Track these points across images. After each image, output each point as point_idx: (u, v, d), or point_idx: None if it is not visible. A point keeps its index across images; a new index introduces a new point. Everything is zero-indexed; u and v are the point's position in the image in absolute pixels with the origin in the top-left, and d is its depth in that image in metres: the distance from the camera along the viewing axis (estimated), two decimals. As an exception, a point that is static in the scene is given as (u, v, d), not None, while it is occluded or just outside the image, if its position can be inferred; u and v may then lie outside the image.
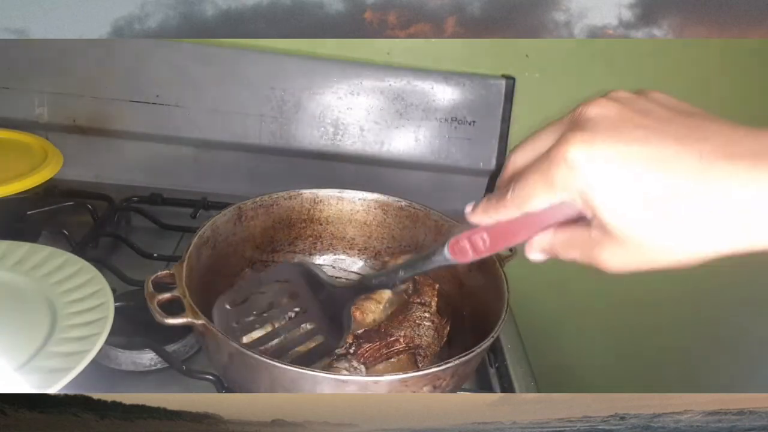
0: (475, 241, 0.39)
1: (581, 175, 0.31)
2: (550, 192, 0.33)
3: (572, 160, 0.31)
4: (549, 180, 0.33)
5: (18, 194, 0.68)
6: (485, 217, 0.38)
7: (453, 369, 0.48)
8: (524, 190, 0.34)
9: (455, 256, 0.41)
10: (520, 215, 0.36)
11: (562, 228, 0.35)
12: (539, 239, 0.36)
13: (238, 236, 0.66)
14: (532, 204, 0.34)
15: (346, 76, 0.89)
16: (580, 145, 0.31)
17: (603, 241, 0.32)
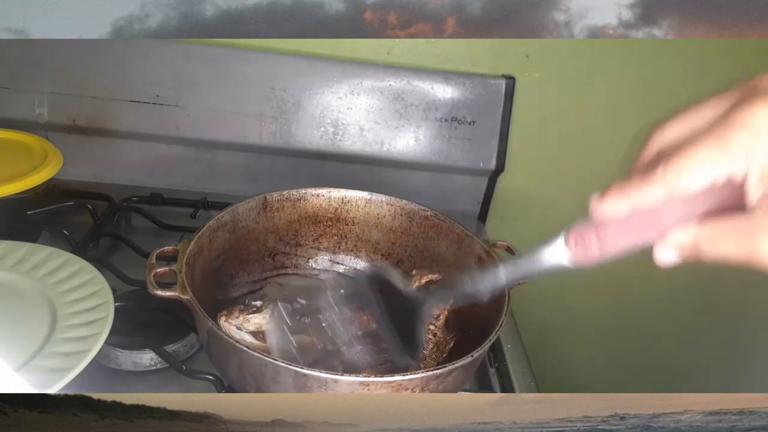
0: (605, 237, 0.33)
1: (765, 141, 0.27)
2: (724, 159, 0.28)
3: (757, 124, 0.28)
4: (725, 145, 0.28)
5: (18, 194, 0.68)
6: (621, 202, 0.32)
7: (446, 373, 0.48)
8: (687, 160, 0.29)
9: (576, 256, 0.35)
10: (669, 196, 0.30)
11: (708, 220, 0.30)
12: (678, 235, 0.31)
13: (261, 225, 0.67)
14: (694, 178, 0.29)
15: (346, 76, 0.89)
16: (766, 109, 0.28)
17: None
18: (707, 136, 0.29)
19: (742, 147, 0.28)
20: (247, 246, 0.67)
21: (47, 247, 0.64)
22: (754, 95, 0.29)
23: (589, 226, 0.34)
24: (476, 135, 0.92)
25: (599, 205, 0.33)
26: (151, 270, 0.53)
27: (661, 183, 0.30)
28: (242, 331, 0.57)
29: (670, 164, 0.30)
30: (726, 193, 0.29)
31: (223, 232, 0.63)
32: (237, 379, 0.52)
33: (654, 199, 0.31)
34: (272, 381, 0.47)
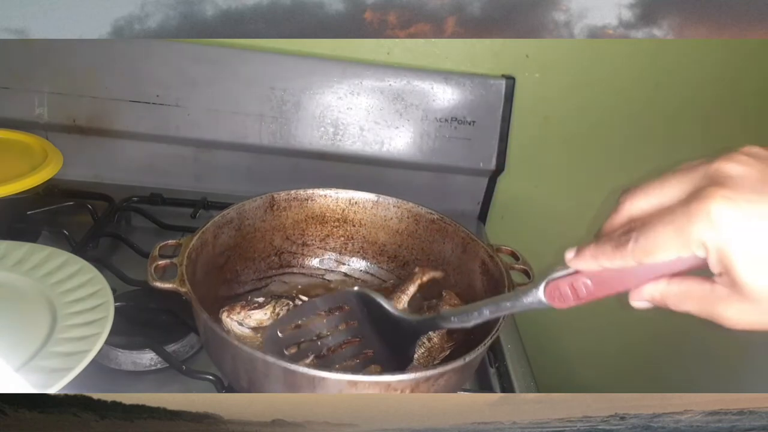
0: (577, 286, 0.37)
1: (722, 232, 0.31)
2: (684, 246, 0.32)
3: (715, 217, 0.31)
4: (685, 234, 0.32)
5: (18, 194, 0.68)
6: (594, 263, 0.36)
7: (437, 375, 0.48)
8: (652, 242, 0.33)
9: (552, 300, 0.39)
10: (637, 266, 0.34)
11: (677, 279, 0.35)
12: (650, 288, 0.36)
13: (268, 224, 0.67)
14: (658, 256, 0.33)
15: (346, 76, 0.89)
16: (723, 202, 0.31)
17: (730, 298, 0.32)
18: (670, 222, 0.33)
19: (700, 237, 0.31)
20: (253, 244, 0.67)
21: (47, 247, 0.64)
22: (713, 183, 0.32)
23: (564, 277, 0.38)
24: (476, 135, 0.92)
25: (573, 260, 0.37)
26: (153, 262, 0.53)
27: (630, 256, 0.34)
28: (243, 327, 0.58)
29: (639, 243, 0.34)
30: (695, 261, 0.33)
31: (229, 229, 0.63)
32: (231, 374, 0.52)
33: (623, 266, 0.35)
34: (263, 376, 0.47)
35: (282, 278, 0.69)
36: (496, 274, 0.60)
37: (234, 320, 0.58)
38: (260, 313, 0.58)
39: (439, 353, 0.59)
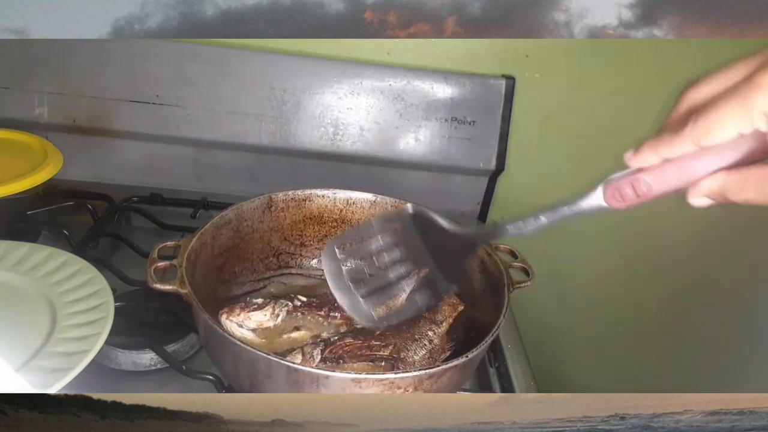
0: (637, 184, 0.37)
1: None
2: (747, 118, 0.32)
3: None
4: (748, 104, 0.32)
5: (18, 194, 0.68)
6: (654, 155, 0.36)
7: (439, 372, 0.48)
8: (712, 119, 0.33)
9: (612, 201, 0.39)
10: (697, 150, 0.34)
11: (735, 169, 0.34)
12: (708, 182, 0.35)
13: (266, 224, 0.68)
14: (719, 134, 0.33)
15: (346, 76, 0.89)
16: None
17: None
18: (731, 97, 0.33)
19: (764, 106, 0.31)
20: (251, 244, 0.67)
21: (47, 247, 0.64)
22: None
23: (623, 177, 0.38)
24: (476, 135, 0.92)
25: (633, 157, 0.37)
26: (152, 264, 0.54)
27: (689, 139, 0.34)
28: (243, 329, 0.58)
29: (698, 122, 0.33)
30: (751, 147, 0.33)
31: (227, 230, 0.63)
32: (233, 374, 0.52)
33: (683, 152, 0.35)
34: (266, 376, 0.48)
35: (280, 279, 0.69)
36: (495, 272, 0.60)
37: (233, 322, 0.58)
38: (260, 315, 0.58)
39: (440, 354, 0.59)
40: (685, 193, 0.36)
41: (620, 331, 1.20)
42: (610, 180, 0.39)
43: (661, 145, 0.36)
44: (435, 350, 0.59)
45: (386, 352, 0.57)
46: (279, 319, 0.60)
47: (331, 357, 0.55)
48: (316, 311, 0.61)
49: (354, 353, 0.56)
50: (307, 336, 0.59)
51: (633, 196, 0.38)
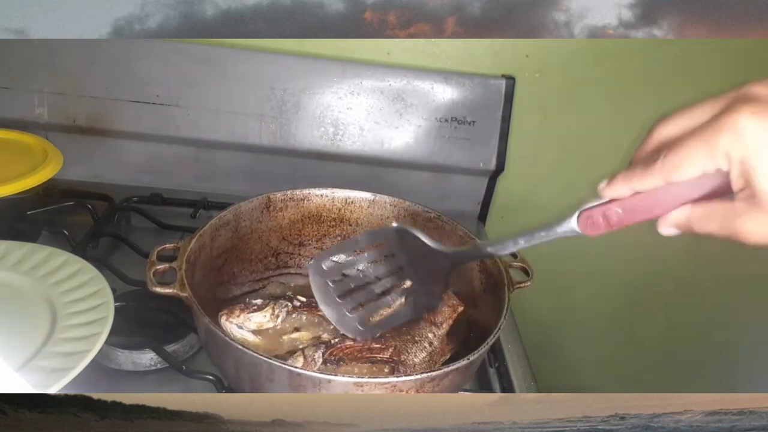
0: (609, 214, 0.39)
1: (747, 143, 0.33)
2: (710, 157, 0.34)
3: (741, 128, 0.33)
4: (712, 145, 0.34)
5: (18, 194, 0.68)
6: (625, 187, 0.38)
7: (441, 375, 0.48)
8: (680, 156, 0.35)
9: (585, 229, 0.41)
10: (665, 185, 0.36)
11: (700, 203, 0.36)
12: (675, 214, 0.37)
13: (265, 225, 0.67)
14: (685, 171, 0.35)
15: (346, 76, 0.89)
16: (751, 116, 0.33)
17: (749, 211, 0.34)
18: (698, 136, 0.35)
19: (726, 148, 0.34)
20: (249, 245, 0.67)
21: (47, 247, 0.64)
22: (739, 102, 0.34)
23: (597, 207, 0.40)
24: (476, 135, 0.92)
25: (606, 189, 0.39)
26: (152, 267, 0.53)
27: (659, 174, 0.36)
28: (243, 330, 0.58)
29: (667, 158, 0.36)
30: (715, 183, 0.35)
31: (226, 231, 0.63)
32: (234, 377, 0.52)
33: (653, 186, 0.37)
34: (267, 379, 0.47)
35: (279, 279, 0.69)
36: (495, 271, 0.60)
37: (233, 323, 0.57)
38: (260, 316, 0.58)
39: (440, 356, 0.59)
40: (655, 223, 0.39)
41: (620, 331, 1.20)
42: (584, 208, 0.41)
43: (633, 178, 0.38)
44: (435, 352, 0.59)
45: (386, 355, 0.57)
46: (279, 320, 0.60)
47: (332, 359, 0.55)
48: (316, 311, 0.61)
49: (354, 355, 0.56)
50: (307, 336, 0.59)
51: (605, 225, 0.40)
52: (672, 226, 0.38)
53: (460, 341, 0.61)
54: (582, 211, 0.41)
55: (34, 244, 0.65)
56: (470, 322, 0.63)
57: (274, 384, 0.47)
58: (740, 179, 0.34)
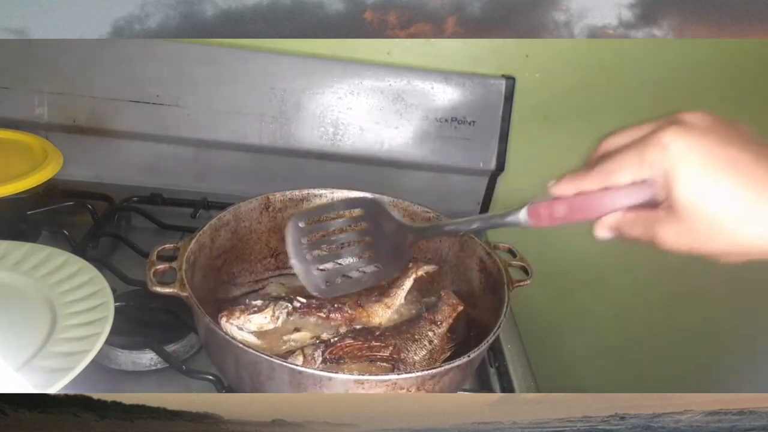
0: (554, 209, 0.44)
1: (670, 157, 0.37)
2: (639, 168, 0.39)
3: (667, 144, 0.38)
4: (641, 157, 0.39)
5: (18, 194, 0.68)
6: (569, 187, 0.43)
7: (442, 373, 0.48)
8: (614, 164, 0.41)
9: (531, 219, 0.46)
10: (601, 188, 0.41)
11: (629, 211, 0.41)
12: (609, 218, 0.42)
13: (264, 225, 0.68)
14: (617, 177, 0.40)
15: (346, 76, 0.89)
16: (676, 135, 0.38)
17: (667, 219, 0.38)
18: (632, 148, 0.40)
19: (653, 160, 0.38)
20: (249, 245, 0.67)
21: (47, 247, 0.64)
22: (669, 123, 0.39)
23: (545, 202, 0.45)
24: (476, 135, 0.92)
25: (553, 187, 0.45)
26: (151, 267, 0.53)
27: (597, 178, 0.42)
28: (243, 332, 0.58)
29: (604, 166, 0.41)
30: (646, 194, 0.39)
31: (225, 231, 0.63)
32: (234, 376, 0.52)
33: (590, 188, 0.42)
34: (268, 378, 0.48)
35: (279, 280, 0.69)
36: (494, 271, 0.60)
37: (234, 325, 0.57)
38: (260, 317, 0.58)
39: (440, 355, 0.59)
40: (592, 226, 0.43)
41: (620, 330, 1.20)
42: (533, 202, 0.46)
43: (576, 180, 0.43)
44: (435, 351, 0.59)
45: (386, 353, 0.57)
46: (279, 321, 0.60)
47: (332, 358, 0.55)
48: (316, 312, 0.61)
49: (354, 354, 0.56)
50: (308, 337, 0.59)
51: (548, 219, 0.45)
52: (605, 229, 0.42)
53: (460, 340, 0.61)
54: (531, 204, 0.46)
55: (34, 244, 0.65)
56: (470, 321, 0.63)
57: (275, 383, 0.47)
58: (663, 190, 0.38)
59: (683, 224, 0.38)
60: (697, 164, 0.37)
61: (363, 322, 0.62)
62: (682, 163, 0.37)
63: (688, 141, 0.37)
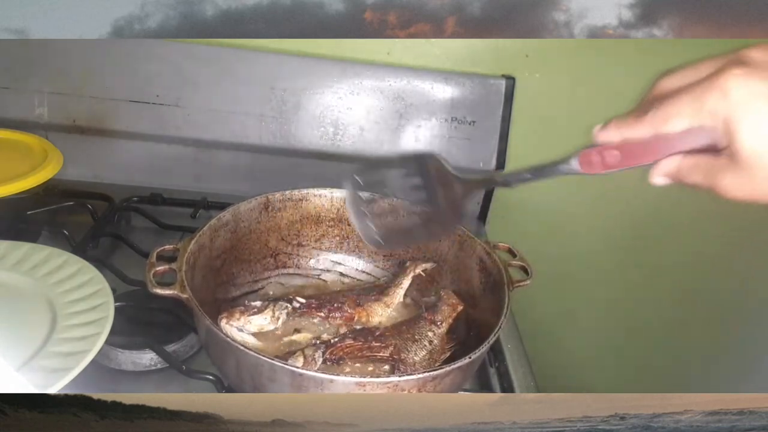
0: (606, 155, 0.41)
1: (732, 103, 0.35)
2: (696, 114, 0.36)
3: (728, 89, 0.35)
4: (699, 103, 0.36)
5: (18, 194, 0.68)
6: (617, 133, 0.40)
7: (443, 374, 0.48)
8: (669, 110, 0.38)
9: (584, 167, 0.43)
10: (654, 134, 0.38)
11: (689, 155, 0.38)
12: (666, 163, 0.39)
13: (263, 225, 0.67)
14: (672, 124, 0.37)
15: (346, 76, 0.89)
16: (739, 78, 0.35)
17: (729, 167, 0.36)
18: (689, 92, 0.37)
19: (713, 106, 0.36)
20: (248, 245, 0.67)
21: (47, 247, 0.64)
22: (731, 64, 0.36)
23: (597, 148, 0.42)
24: (476, 135, 0.92)
25: (599, 133, 0.41)
26: (151, 268, 0.53)
27: (648, 124, 0.39)
28: (243, 333, 0.57)
29: (658, 111, 0.38)
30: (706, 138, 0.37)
31: (225, 232, 0.63)
32: (235, 378, 0.52)
33: (642, 135, 0.39)
34: (269, 380, 0.47)
35: (278, 279, 0.69)
36: (494, 270, 0.60)
37: (234, 326, 0.57)
38: (260, 318, 0.58)
39: (440, 355, 0.60)
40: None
41: (620, 330, 1.20)
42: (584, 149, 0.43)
43: (625, 126, 0.40)
44: (435, 351, 0.59)
45: (386, 353, 0.57)
46: (279, 321, 0.60)
47: (332, 359, 0.55)
48: (316, 312, 0.61)
49: (354, 354, 0.56)
50: (308, 338, 0.59)
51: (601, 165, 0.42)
52: (663, 175, 0.40)
53: (460, 340, 0.61)
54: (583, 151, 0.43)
55: (34, 244, 0.65)
56: (470, 321, 0.63)
57: (276, 385, 0.47)
58: (724, 137, 0.36)
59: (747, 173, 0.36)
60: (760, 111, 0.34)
61: (363, 321, 0.62)
62: (744, 110, 0.35)
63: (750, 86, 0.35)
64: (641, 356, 1.24)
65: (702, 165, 0.38)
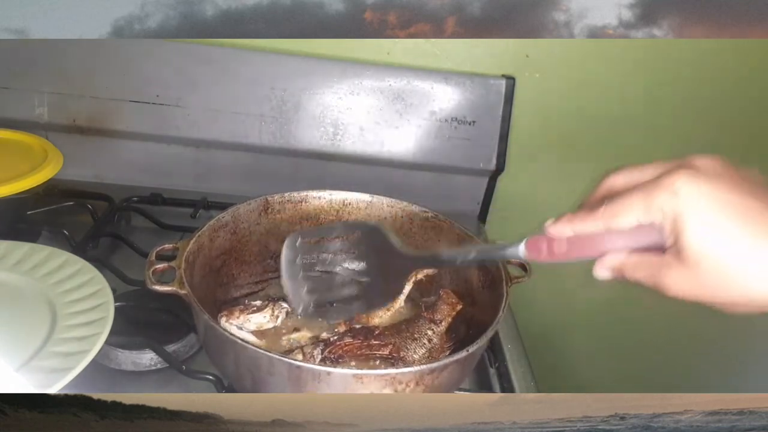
0: (553, 245, 0.43)
1: (681, 202, 0.36)
2: (646, 211, 0.37)
3: (678, 188, 0.36)
4: (650, 200, 0.37)
5: (18, 194, 0.68)
6: (568, 228, 0.41)
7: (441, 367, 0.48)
8: (620, 207, 0.39)
9: (530, 253, 0.44)
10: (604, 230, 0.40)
11: (634, 252, 0.40)
12: (611, 258, 0.40)
13: (263, 227, 0.67)
14: (623, 220, 0.39)
15: (346, 76, 0.89)
16: (689, 178, 0.37)
17: (674, 265, 0.37)
18: (639, 190, 0.38)
19: (662, 204, 0.37)
20: (248, 247, 0.67)
21: (47, 247, 0.64)
22: (680, 167, 0.38)
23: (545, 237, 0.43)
24: (476, 135, 0.92)
25: (551, 226, 0.42)
26: (151, 266, 0.54)
27: (599, 219, 0.40)
28: (243, 331, 0.58)
29: (609, 207, 0.39)
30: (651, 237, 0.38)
31: (224, 232, 0.63)
32: (233, 374, 0.52)
33: (592, 230, 0.40)
34: (267, 374, 0.48)
35: (278, 281, 0.69)
36: (493, 269, 0.60)
37: (233, 324, 0.58)
38: (259, 317, 0.58)
39: (440, 353, 0.60)
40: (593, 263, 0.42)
41: (620, 331, 1.20)
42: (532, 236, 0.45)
43: (576, 221, 0.41)
44: (434, 349, 0.59)
45: (386, 352, 0.57)
46: (279, 320, 0.60)
47: (331, 357, 0.55)
48: None
49: (354, 353, 0.56)
50: (307, 336, 0.59)
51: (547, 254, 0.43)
52: (606, 269, 0.41)
53: (459, 339, 0.61)
54: (530, 238, 0.44)
55: (34, 244, 0.65)
56: (469, 320, 0.63)
57: (274, 379, 0.47)
58: (671, 235, 0.37)
59: (691, 271, 0.37)
60: (708, 211, 0.36)
61: (362, 323, 0.62)
62: (693, 210, 0.36)
63: (700, 187, 0.36)
64: (641, 356, 1.24)
65: (646, 262, 0.39)
